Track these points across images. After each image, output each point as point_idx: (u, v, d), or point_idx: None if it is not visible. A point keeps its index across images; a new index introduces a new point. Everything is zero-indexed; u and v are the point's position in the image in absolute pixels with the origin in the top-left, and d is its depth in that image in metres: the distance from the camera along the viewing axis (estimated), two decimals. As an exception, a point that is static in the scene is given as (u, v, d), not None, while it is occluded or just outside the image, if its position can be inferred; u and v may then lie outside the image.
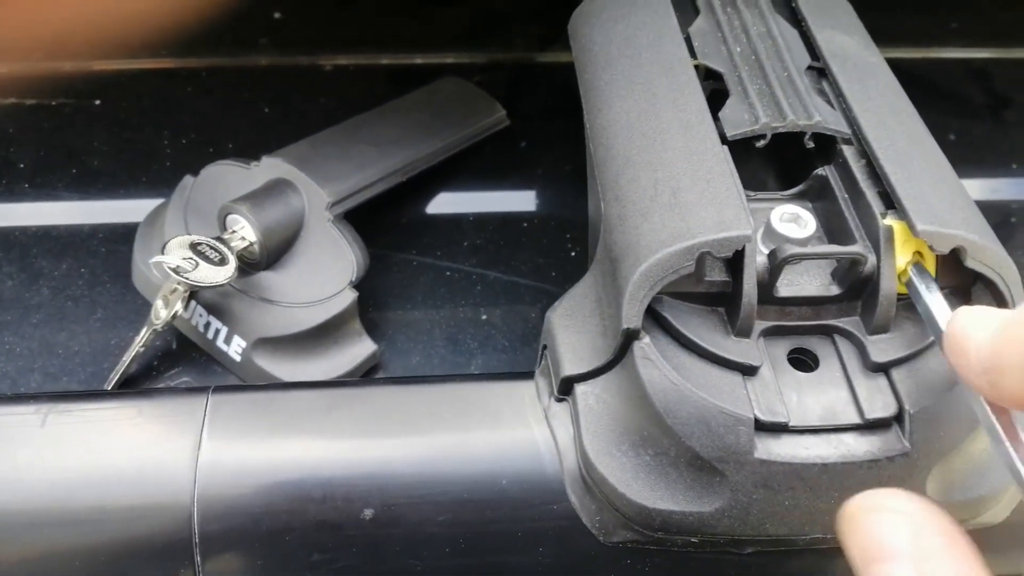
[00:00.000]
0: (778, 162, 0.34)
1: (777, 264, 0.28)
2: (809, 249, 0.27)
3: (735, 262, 0.28)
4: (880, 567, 0.21)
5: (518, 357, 0.44)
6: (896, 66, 0.58)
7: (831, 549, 0.29)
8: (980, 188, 0.52)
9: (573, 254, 0.48)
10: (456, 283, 0.47)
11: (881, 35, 0.58)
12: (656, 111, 0.30)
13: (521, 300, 0.47)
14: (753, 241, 0.27)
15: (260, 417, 0.29)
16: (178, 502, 0.28)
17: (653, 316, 0.28)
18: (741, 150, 0.31)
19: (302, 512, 0.28)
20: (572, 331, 0.30)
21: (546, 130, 0.53)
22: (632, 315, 0.27)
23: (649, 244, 0.27)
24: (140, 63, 0.55)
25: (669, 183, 0.28)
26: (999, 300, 0.28)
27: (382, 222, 0.48)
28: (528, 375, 0.31)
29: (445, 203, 0.50)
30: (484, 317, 0.46)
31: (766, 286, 0.28)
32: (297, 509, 0.28)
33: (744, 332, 0.28)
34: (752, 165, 0.34)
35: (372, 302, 0.45)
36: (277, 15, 0.58)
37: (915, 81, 0.57)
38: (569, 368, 0.29)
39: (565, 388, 0.29)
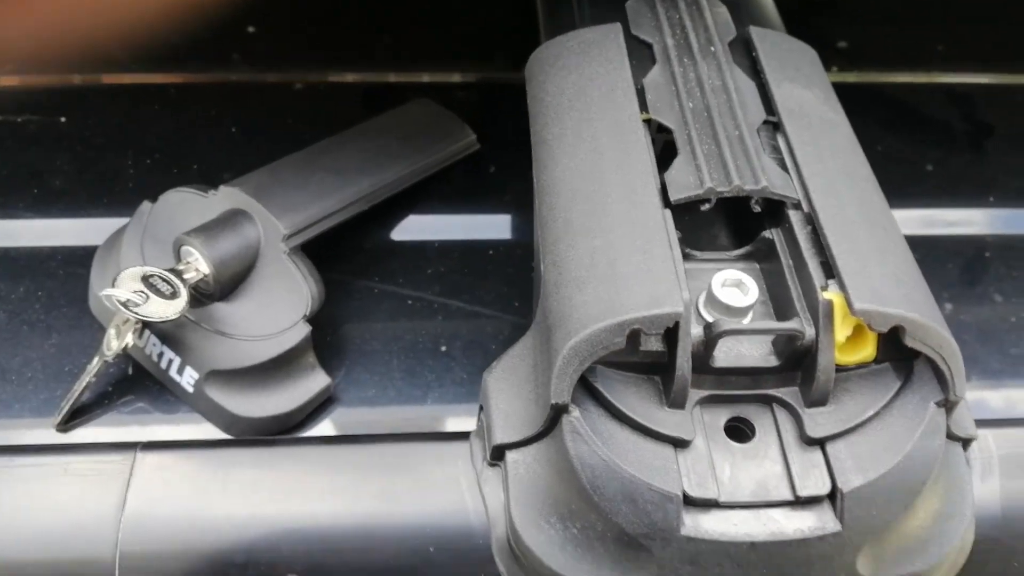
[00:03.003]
0: (733, 218, 0.34)
1: (711, 339, 0.27)
2: (743, 325, 0.27)
3: (670, 334, 0.27)
4: None
5: (474, 390, 0.44)
6: (876, 91, 0.57)
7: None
8: (955, 220, 0.50)
9: (537, 285, 0.47)
10: (417, 312, 0.46)
11: (862, 57, 0.57)
12: (600, 173, 0.30)
13: (482, 331, 0.46)
14: (687, 316, 0.26)
15: (186, 476, 0.29)
16: (101, 559, 0.28)
17: (586, 386, 0.28)
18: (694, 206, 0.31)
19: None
20: (507, 395, 0.29)
21: (517, 155, 0.52)
22: (561, 390, 0.26)
23: (581, 318, 0.26)
24: (109, 78, 0.54)
25: (607, 252, 0.28)
26: (940, 377, 0.27)
27: (345, 247, 0.47)
28: (464, 435, 0.31)
29: (410, 228, 0.50)
30: (444, 348, 0.45)
31: (702, 357, 0.27)
32: (219, 572, 0.27)
33: (678, 404, 0.28)
34: (706, 219, 0.34)
35: (331, 329, 0.45)
36: (251, 29, 0.57)
37: (895, 107, 0.56)
38: (501, 435, 0.29)
39: (497, 454, 0.29)
